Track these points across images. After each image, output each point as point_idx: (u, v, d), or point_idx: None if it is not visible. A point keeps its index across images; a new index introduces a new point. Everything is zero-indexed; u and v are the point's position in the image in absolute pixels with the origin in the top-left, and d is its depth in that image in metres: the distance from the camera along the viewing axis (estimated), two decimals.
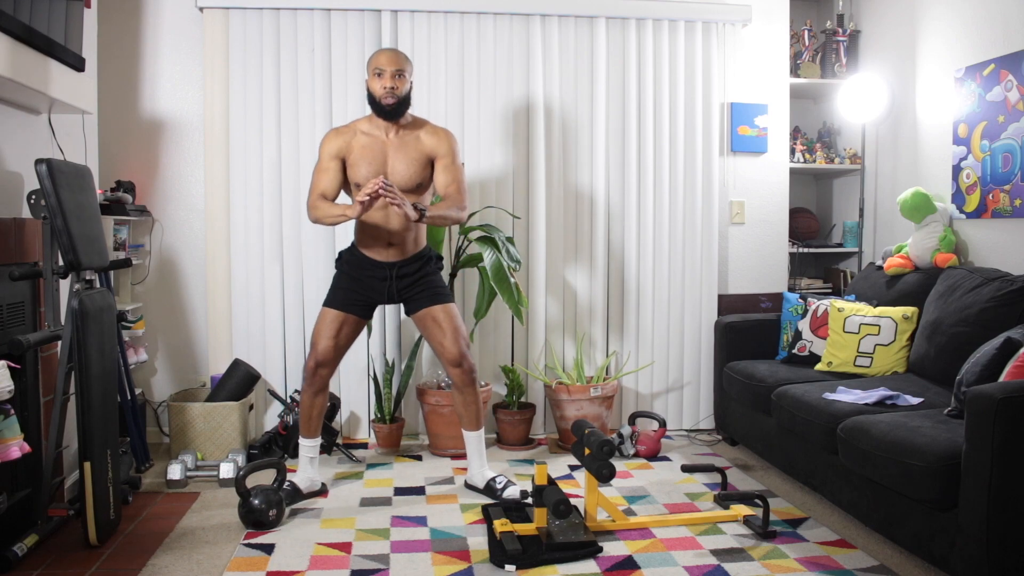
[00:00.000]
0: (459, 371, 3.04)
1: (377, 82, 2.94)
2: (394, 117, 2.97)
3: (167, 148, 3.82)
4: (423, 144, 3.01)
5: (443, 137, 3.04)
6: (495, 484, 3.04)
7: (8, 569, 2.33)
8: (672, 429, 4.06)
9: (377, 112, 2.98)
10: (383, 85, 2.92)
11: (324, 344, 3.01)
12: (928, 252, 3.44)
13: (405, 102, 2.98)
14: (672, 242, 4.03)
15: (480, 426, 3.15)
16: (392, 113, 2.95)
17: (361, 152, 2.97)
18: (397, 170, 2.97)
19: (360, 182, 2.96)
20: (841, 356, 3.34)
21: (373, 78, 2.95)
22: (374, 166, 2.95)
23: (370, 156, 2.96)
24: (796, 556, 2.49)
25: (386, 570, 2.41)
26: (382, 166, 2.96)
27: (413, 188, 3.00)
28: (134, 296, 3.78)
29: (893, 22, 4.01)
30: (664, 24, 3.96)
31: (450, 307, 3.07)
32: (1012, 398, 2.02)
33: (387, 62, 2.93)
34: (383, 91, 2.92)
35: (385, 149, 2.98)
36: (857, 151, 4.27)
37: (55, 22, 2.54)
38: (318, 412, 3.09)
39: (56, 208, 2.40)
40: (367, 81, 2.98)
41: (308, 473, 3.08)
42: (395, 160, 2.97)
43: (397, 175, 2.96)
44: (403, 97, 2.96)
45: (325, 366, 3.03)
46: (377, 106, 2.96)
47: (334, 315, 3.03)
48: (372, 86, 2.96)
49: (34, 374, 2.67)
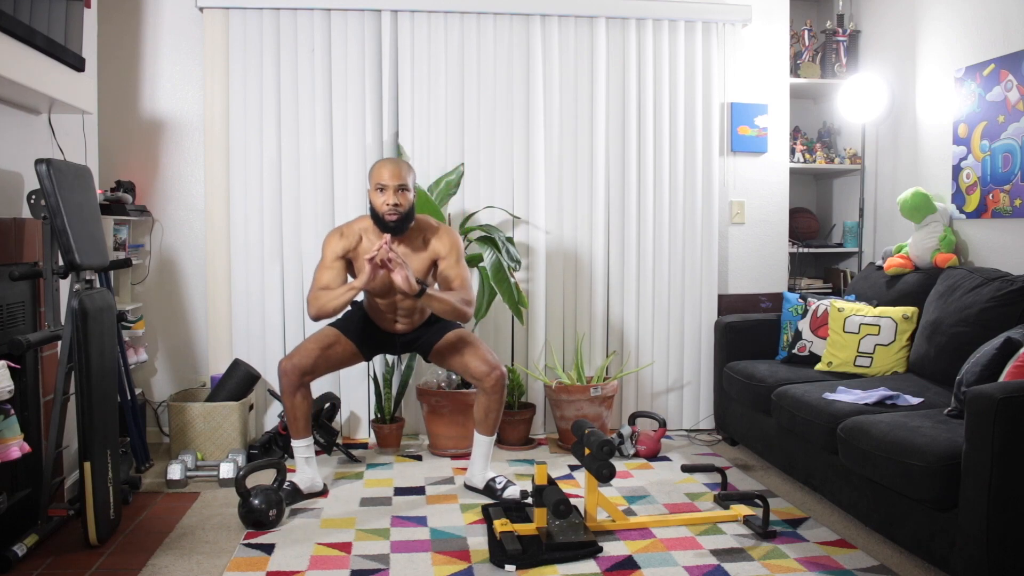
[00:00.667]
0: (490, 378, 3.00)
1: (379, 197, 2.86)
2: (398, 233, 2.91)
3: (167, 148, 3.82)
4: (429, 250, 3.00)
5: (447, 238, 3.00)
6: (495, 484, 3.04)
7: (8, 569, 2.33)
8: (672, 429, 4.06)
9: (381, 228, 2.91)
10: (386, 202, 2.85)
11: (310, 347, 2.98)
12: (928, 252, 3.44)
13: (409, 216, 2.91)
14: (672, 242, 4.03)
15: (493, 433, 3.13)
16: (396, 230, 2.90)
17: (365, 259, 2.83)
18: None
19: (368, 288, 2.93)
20: (841, 356, 3.34)
21: (375, 192, 2.88)
22: (380, 279, 2.86)
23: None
24: (796, 556, 2.49)
25: (386, 570, 2.41)
26: (388, 276, 2.84)
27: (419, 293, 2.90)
28: (134, 296, 3.78)
29: (893, 22, 4.01)
30: (664, 24, 3.96)
31: (461, 331, 3.09)
32: (1012, 398, 2.02)
33: (390, 177, 2.85)
34: (387, 208, 2.85)
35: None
36: (857, 151, 4.27)
37: (55, 22, 2.54)
38: (304, 412, 3.02)
39: (56, 208, 2.40)
40: (369, 192, 2.92)
41: (307, 473, 3.07)
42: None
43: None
44: (407, 212, 2.89)
45: (308, 373, 2.95)
46: (380, 222, 2.90)
47: (335, 336, 3.04)
48: (374, 200, 2.88)
49: (34, 374, 2.67)
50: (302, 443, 3.07)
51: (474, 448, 3.15)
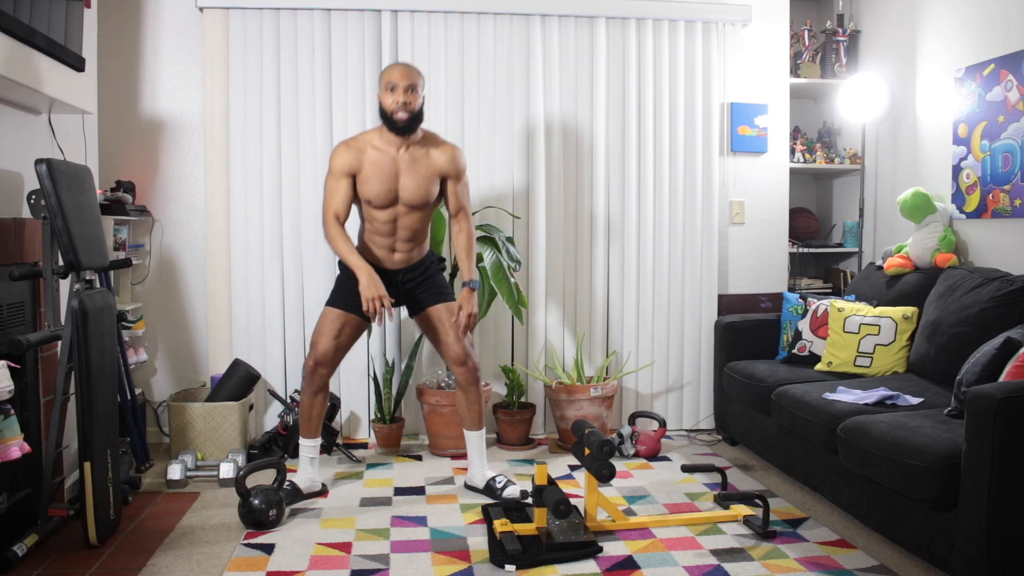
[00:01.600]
0: (463, 370, 3.05)
1: (389, 97, 2.90)
2: (406, 133, 2.94)
3: (167, 148, 3.82)
4: (434, 161, 3.01)
5: (454, 156, 3.04)
6: (495, 484, 3.04)
7: (8, 569, 2.33)
8: (672, 429, 4.06)
9: (389, 127, 2.94)
10: (396, 100, 2.88)
11: (324, 343, 3.01)
12: (928, 252, 3.44)
13: (418, 117, 2.95)
14: (672, 242, 4.03)
15: (481, 426, 3.15)
16: (405, 129, 2.92)
17: (372, 169, 2.94)
18: (408, 187, 2.96)
19: (371, 199, 2.95)
20: (841, 356, 3.34)
21: (385, 92, 2.91)
22: (386, 184, 2.94)
23: (381, 174, 2.94)
24: (796, 556, 2.49)
25: (386, 570, 2.41)
26: (393, 184, 2.94)
27: (421, 204, 3.00)
28: (134, 296, 3.78)
29: (893, 22, 4.01)
30: (664, 24, 3.96)
31: (453, 306, 3.08)
32: (1012, 398, 2.02)
33: (400, 76, 2.90)
34: (396, 106, 2.88)
35: (396, 166, 2.96)
36: (857, 151, 4.27)
37: (55, 22, 2.55)
38: (318, 412, 3.08)
39: (56, 208, 2.40)
40: (379, 95, 2.94)
41: (308, 473, 3.08)
42: (406, 178, 2.96)
43: (408, 192, 2.96)
44: (416, 112, 2.93)
45: (324, 366, 3.02)
46: (389, 121, 2.93)
47: (336, 315, 3.02)
48: (384, 100, 2.92)
49: (34, 374, 2.67)
50: (310, 443, 3.09)
51: (468, 447, 3.17)
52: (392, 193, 2.95)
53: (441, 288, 3.12)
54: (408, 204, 2.97)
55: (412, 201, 2.97)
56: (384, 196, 2.95)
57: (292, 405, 3.56)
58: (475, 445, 3.14)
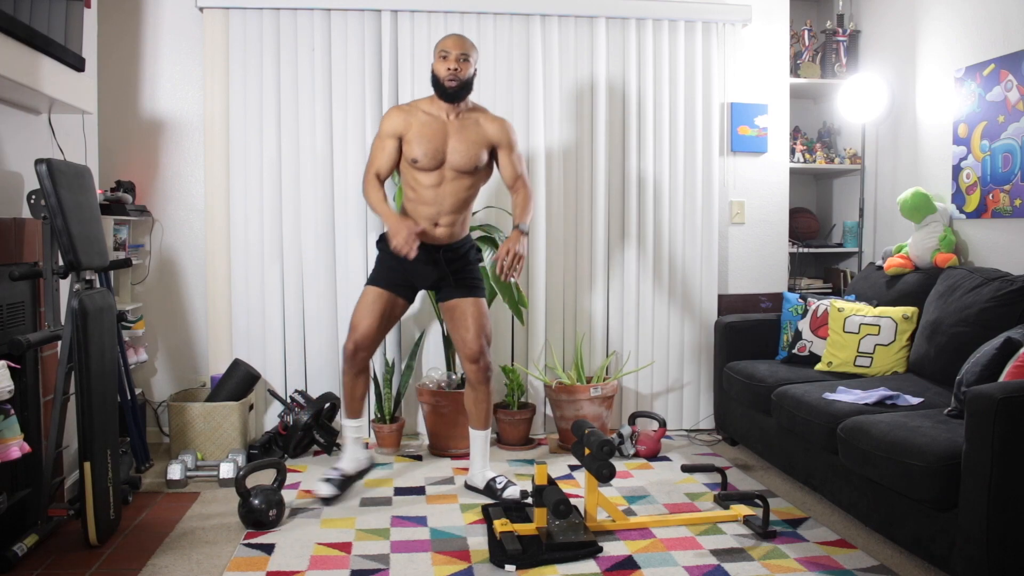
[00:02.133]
0: (475, 367, 3.06)
1: (442, 64, 2.97)
2: (455, 99, 3.01)
3: (167, 148, 3.82)
4: (483, 129, 3.06)
5: (504, 127, 3.10)
6: (495, 484, 3.05)
7: (8, 569, 2.33)
8: (672, 429, 4.06)
9: (439, 94, 3.01)
10: (447, 67, 2.95)
11: (365, 325, 3.02)
12: (928, 252, 3.44)
13: (467, 86, 3.02)
14: (672, 242, 4.03)
15: (487, 426, 3.15)
16: (454, 96, 2.99)
17: (420, 130, 2.99)
18: (457, 150, 2.99)
19: (418, 158, 2.97)
20: (841, 356, 3.34)
21: (439, 60, 2.99)
22: (434, 144, 2.98)
23: (430, 135, 2.99)
24: (796, 556, 2.49)
25: (386, 570, 2.41)
26: (442, 145, 2.99)
27: (471, 170, 3.03)
28: (134, 296, 3.78)
29: (893, 22, 4.01)
30: (664, 24, 3.96)
31: (481, 302, 3.10)
32: (1012, 398, 2.02)
33: (453, 45, 2.98)
34: (447, 73, 2.96)
35: (445, 130, 3.01)
36: (857, 151, 4.27)
37: (55, 22, 2.54)
38: (361, 393, 3.11)
39: (56, 208, 2.40)
40: (432, 64, 3.01)
41: (354, 454, 3.11)
42: (455, 141, 3.00)
43: (457, 155, 2.99)
44: (466, 81, 2.99)
45: (364, 349, 3.04)
46: (440, 88, 2.99)
47: (377, 294, 3.04)
48: (437, 68, 2.99)
49: (34, 374, 2.67)
50: (354, 423, 3.13)
51: (471, 445, 3.17)
52: (440, 154, 2.98)
53: (475, 281, 3.12)
54: (456, 168, 2.99)
55: (460, 165, 2.99)
56: (431, 156, 2.97)
57: (292, 405, 3.57)
58: (478, 445, 3.14)
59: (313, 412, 3.53)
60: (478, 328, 3.05)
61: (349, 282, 3.77)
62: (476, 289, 3.12)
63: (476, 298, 3.09)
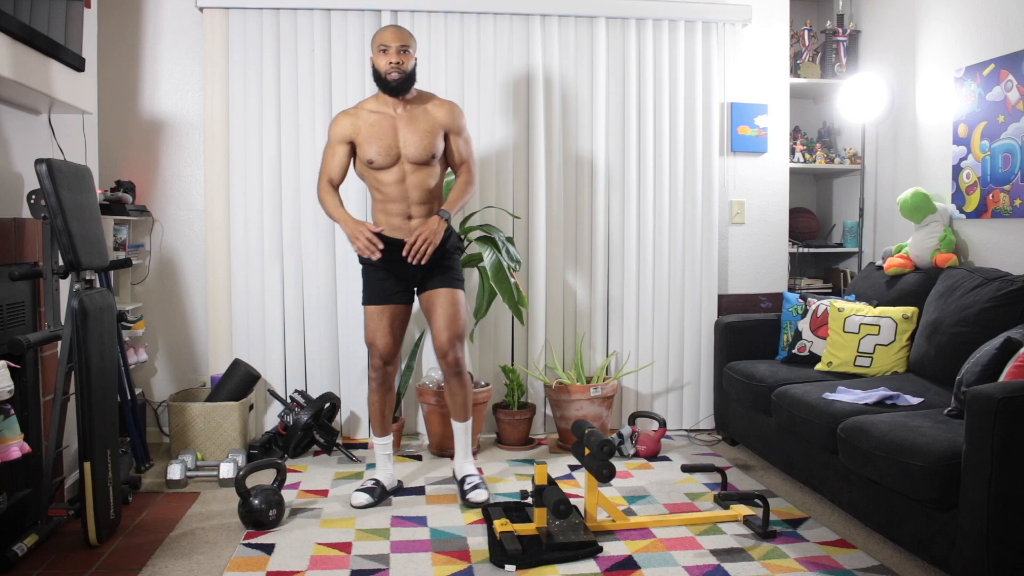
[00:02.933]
0: (443, 362, 3.06)
1: (383, 58, 2.94)
2: (400, 93, 2.97)
3: (167, 148, 3.82)
4: (432, 116, 3.02)
5: (453, 110, 3.07)
6: (464, 484, 3.04)
7: (8, 569, 2.33)
8: (672, 429, 4.06)
9: (383, 88, 2.98)
10: (388, 61, 2.92)
11: (382, 340, 3.03)
12: (928, 252, 3.44)
13: (411, 78, 2.98)
14: (672, 242, 4.03)
15: (465, 418, 3.14)
16: (398, 89, 2.95)
17: (369, 131, 2.97)
18: (410, 143, 2.97)
19: (373, 158, 2.95)
20: (841, 356, 3.34)
21: (378, 54, 2.95)
22: (385, 141, 2.95)
23: (380, 133, 2.96)
24: (796, 556, 2.50)
25: (386, 570, 2.41)
26: (394, 141, 2.96)
27: (426, 159, 2.99)
28: (134, 296, 3.78)
29: (893, 22, 4.01)
30: (664, 24, 3.96)
31: (456, 293, 3.05)
32: (1012, 398, 2.02)
33: (392, 38, 2.93)
34: (388, 67, 2.92)
35: (395, 124, 2.98)
36: (857, 151, 4.27)
37: (55, 22, 2.54)
38: (390, 409, 3.14)
39: (56, 208, 2.40)
40: (372, 58, 2.99)
41: (389, 470, 3.13)
42: (406, 133, 2.97)
43: (410, 147, 2.96)
44: (408, 73, 2.96)
45: (390, 362, 3.07)
46: (383, 82, 2.96)
47: (378, 311, 3.04)
48: (377, 62, 2.96)
49: (34, 374, 2.67)
50: (384, 440, 3.15)
51: (454, 437, 3.19)
52: (393, 150, 2.95)
53: (451, 273, 3.08)
54: (413, 160, 2.96)
55: (416, 156, 2.96)
56: (385, 153, 2.94)
57: (292, 405, 3.57)
58: (458, 436, 3.16)
59: (313, 412, 3.53)
60: (447, 319, 3.01)
61: (349, 282, 3.77)
62: (451, 280, 3.06)
63: (450, 289, 3.04)
